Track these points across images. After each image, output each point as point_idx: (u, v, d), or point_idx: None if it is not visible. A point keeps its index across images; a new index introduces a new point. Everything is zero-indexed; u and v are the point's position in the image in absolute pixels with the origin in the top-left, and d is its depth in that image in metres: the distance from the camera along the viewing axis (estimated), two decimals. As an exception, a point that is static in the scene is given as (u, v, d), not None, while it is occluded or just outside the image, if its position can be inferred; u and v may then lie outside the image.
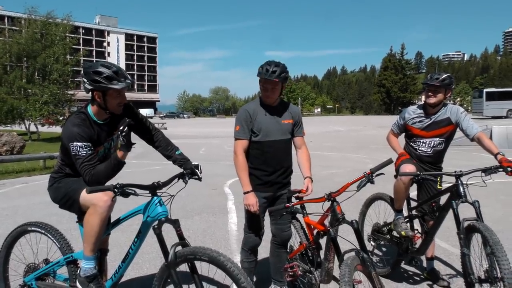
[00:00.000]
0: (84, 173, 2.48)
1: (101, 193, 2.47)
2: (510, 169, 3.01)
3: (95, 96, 2.56)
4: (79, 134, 2.50)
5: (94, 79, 2.48)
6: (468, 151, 11.26)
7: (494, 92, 45.56)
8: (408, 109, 3.80)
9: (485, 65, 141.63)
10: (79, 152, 2.48)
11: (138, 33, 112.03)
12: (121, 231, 4.45)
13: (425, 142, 3.63)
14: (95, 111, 2.64)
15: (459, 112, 3.52)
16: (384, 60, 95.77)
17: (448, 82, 3.48)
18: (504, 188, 7.97)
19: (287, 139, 3.17)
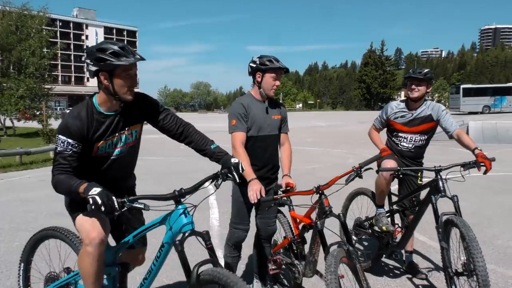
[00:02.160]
0: (52, 173, 2.20)
1: (89, 227, 2.22)
2: (482, 165, 3.09)
3: (101, 79, 2.18)
4: (68, 128, 2.18)
5: (98, 57, 2.12)
6: (445, 146, 11.49)
7: (471, 88, 46.67)
8: (391, 104, 3.85)
9: (462, 62, 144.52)
10: (59, 146, 2.19)
11: (117, 26, 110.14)
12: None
13: (406, 137, 3.68)
14: (102, 100, 2.28)
15: (440, 110, 3.60)
16: (364, 56, 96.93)
17: (430, 76, 3.58)
18: (480, 182, 8.17)
19: (277, 134, 3.21)
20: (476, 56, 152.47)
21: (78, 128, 2.19)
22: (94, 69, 2.16)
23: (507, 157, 12.55)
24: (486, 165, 3.09)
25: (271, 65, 2.99)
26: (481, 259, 2.74)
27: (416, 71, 3.60)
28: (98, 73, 2.17)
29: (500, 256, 4.28)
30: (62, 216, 5.99)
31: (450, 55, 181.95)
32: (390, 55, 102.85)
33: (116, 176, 2.42)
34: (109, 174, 2.38)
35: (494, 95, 45.00)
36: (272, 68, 3.00)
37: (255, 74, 3.06)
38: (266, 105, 3.13)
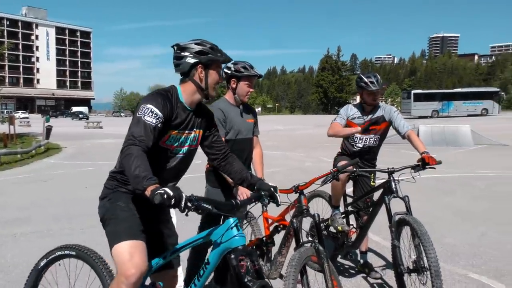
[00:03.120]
0: (124, 145, 1.98)
1: (129, 263, 1.99)
2: (426, 165, 3.26)
3: (197, 72, 2.19)
4: (159, 101, 2.09)
5: (199, 51, 2.16)
6: (398, 149, 11.95)
7: (421, 93, 49.01)
8: (350, 105, 3.99)
9: (412, 68, 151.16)
10: (146, 115, 2.03)
11: (70, 26, 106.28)
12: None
13: (361, 138, 3.82)
14: (187, 92, 2.23)
15: (392, 111, 3.78)
16: (321, 61, 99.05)
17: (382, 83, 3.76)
18: (430, 184, 8.57)
19: (251, 137, 3.32)
20: (425, 62, 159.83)
21: (167, 106, 2.13)
22: (193, 61, 2.17)
23: (454, 159, 13.24)
24: (429, 161, 3.26)
25: (246, 72, 3.04)
26: (433, 251, 2.87)
27: (375, 84, 3.64)
28: (195, 65, 2.19)
29: (448, 254, 4.49)
30: (10, 225, 5.71)
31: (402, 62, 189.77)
32: (346, 61, 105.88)
33: (169, 178, 2.29)
34: (165, 173, 2.24)
35: (442, 100, 47.52)
36: (247, 76, 3.05)
37: (230, 81, 3.11)
38: (240, 109, 3.21)
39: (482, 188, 8.52)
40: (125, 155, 1.94)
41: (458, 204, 7.05)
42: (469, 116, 44.16)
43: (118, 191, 2.24)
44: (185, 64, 2.19)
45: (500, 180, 9.44)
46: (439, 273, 2.82)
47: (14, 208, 6.83)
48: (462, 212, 6.42)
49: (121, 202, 2.20)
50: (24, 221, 5.95)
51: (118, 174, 2.25)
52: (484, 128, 22.58)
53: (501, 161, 12.77)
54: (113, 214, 2.17)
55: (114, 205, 2.20)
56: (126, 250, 2.03)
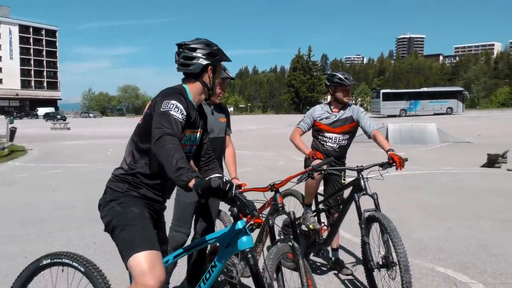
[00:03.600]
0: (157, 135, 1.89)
1: (149, 274, 1.92)
2: (393, 163, 3.36)
3: (208, 73, 2.23)
4: (180, 98, 2.09)
5: (210, 52, 2.21)
6: (368, 147, 12.20)
7: (389, 93, 50.20)
8: (316, 107, 4.07)
9: (381, 68, 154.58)
10: (171, 110, 1.99)
11: (34, 25, 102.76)
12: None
13: (331, 138, 3.91)
14: (194, 91, 2.24)
15: (360, 111, 3.89)
16: (293, 61, 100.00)
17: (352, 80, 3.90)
18: (398, 181, 8.79)
19: (223, 136, 3.33)
20: (393, 63, 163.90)
21: (186, 103, 2.13)
22: (205, 63, 2.20)
23: (421, 156, 13.64)
24: (396, 160, 3.35)
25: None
26: (402, 246, 2.94)
27: (351, 80, 3.86)
28: (206, 67, 2.21)
29: (416, 249, 4.62)
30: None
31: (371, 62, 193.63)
32: (316, 61, 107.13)
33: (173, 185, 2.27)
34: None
35: (409, 100, 48.88)
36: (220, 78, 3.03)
37: None
38: (211, 108, 3.20)
39: (448, 184, 8.82)
40: (161, 145, 1.85)
41: (425, 200, 7.26)
42: (435, 114, 45.60)
43: (130, 195, 2.14)
44: (197, 65, 2.20)
45: (464, 176, 9.80)
46: (408, 268, 2.90)
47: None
48: (429, 208, 6.62)
49: (136, 208, 2.11)
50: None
51: (129, 176, 2.15)
52: (449, 126, 23.41)
53: (465, 158, 13.25)
54: (129, 221, 2.07)
55: (127, 210, 2.10)
56: (146, 261, 1.96)
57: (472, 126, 27.84)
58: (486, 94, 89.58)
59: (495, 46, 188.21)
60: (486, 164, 11.27)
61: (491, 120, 36.33)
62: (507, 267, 4.05)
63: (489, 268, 4.03)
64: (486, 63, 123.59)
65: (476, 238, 4.97)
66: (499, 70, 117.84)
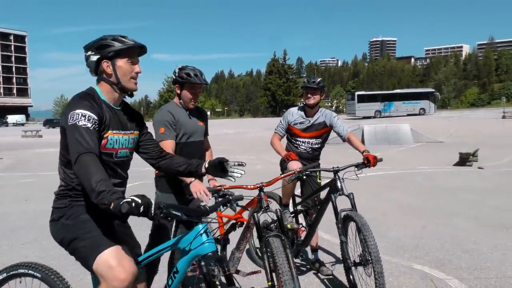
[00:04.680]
0: (74, 157, 1.85)
1: (118, 267, 1.90)
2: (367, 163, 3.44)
3: (103, 68, 2.08)
4: (85, 104, 1.96)
5: (100, 45, 2.05)
6: (344, 149, 12.35)
7: (364, 95, 51.08)
8: (290, 110, 4.11)
9: (355, 71, 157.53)
10: (79, 120, 1.89)
11: (2, 30, 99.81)
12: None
13: (304, 141, 3.99)
14: (105, 91, 2.12)
15: (332, 116, 3.98)
16: (268, 64, 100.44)
17: (323, 85, 3.96)
18: (374, 181, 8.94)
19: (202, 140, 3.30)
20: (367, 65, 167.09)
21: (94, 105, 2.00)
22: (96, 58, 2.06)
23: (396, 156, 13.92)
24: (370, 159, 3.44)
25: (189, 79, 2.98)
26: (372, 239, 3.02)
27: (310, 81, 3.95)
28: (99, 62, 2.07)
29: (393, 247, 4.70)
30: None
31: (345, 65, 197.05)
32: (292, 64, 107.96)
33: (116, 186, 2.14)
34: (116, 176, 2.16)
35: (383, 101, 49.86)
36: (190, 83, 3.00)
37: (175, 86, 3.08)
38: (187, 113, 3.15)
39: (422, 183, 9.02)
40: (80, 167, 1.81)
41: (401, 199, 7.41)
42: (408, 115, 46.66)
43: (74, 205, 2.09)
44: (91, 63, 2.11)
45: (437, 175, 10.05)
46: (379, 258, 2.99)
47: None
48: (404, 207, 6.76)
49: (84, 215, 2.07)
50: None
51: (69, 191, 2.10)
52: (422, 127, 24.00)
53: (438, 157, 13.60)
54: (82, 229, 2.03)
55: (77, 221, 2.06)
56: (111, 257, 1.94)
57: (444, 126, 28.64)
58: (456, 95, 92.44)
59: (464, 48, 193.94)
60: (458, 162, 11.59)
61: (461, 120, 37.48)
62: (480, 262, 4.17)
63: (463, 263, 4.14)
64: (456, 65, 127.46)
65: (450, 235, 5.10)
66: (468, 71, 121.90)
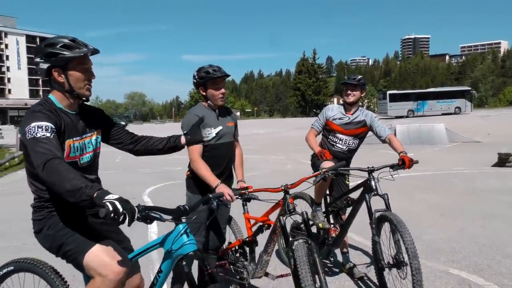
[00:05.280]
0: (39, 161, 1.79)
1: (111, 261, 1.94)
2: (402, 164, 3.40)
3: (54, 76, 2.01)
4: (38, 115, 1.91)
5: (49, 52, 1.96)
6: (376, 149, 12.12)
7: (396, 94, 49.89)
8: (329, 106, 4.10)
9: (387, 69, 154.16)
10: (37, 133, 1.83)
11: (41, 35, 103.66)
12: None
13: (342, 139, 3.91)
14: (59, 98, 2.07)
15: (373, 117, 3.92)
16: (298, 64, 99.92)
17: (363, 82, 3.91)
18: (408, 182, 8.71)
19: (232, 141, 3.29)
20: (399, 64, 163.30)
21: (49, 115, 1.95)
22: (46, 66, 1.99)
23: (430, 157, 13.54)
24: (405, 161, 3.39)
25: (208, 76, 3.02)
26: (411, 241, 2.92)
27: (350, 78, 3.91)
28: (50, 70, 2.00)
29: (428, 251, 4.56)
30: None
31: (376, 63, 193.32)
32: (322, 63, 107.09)
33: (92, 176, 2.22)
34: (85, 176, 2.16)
35: (417, 100, 48.52)
36: (211, 79, 3.02)
37: (199, 89, 3.10)
38: (216, 113, 3.16)
39: (458, 184, 8.72)
40: (48, 173, 1.75)
41: (436, 201, 7.18)
42: (443, 114, 45.24)
43: (53, 215, 2.10)
44: (41, 70, 2.02)
45: (474, 176, 9.68)
46: (416, 254, 2.89)
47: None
48: (440, 209, 6.54)
49: (64, 222, 2.09)
50: None
51: (44, 202, 2.09)
52: (458, 126, 23.21)
53: (475, 157, 13.11)
54: (65, 235, 2.06)
55: (59, 227, 2.08)
56: (101, 252, 1.99)
57: (481, 125, 27.58)
58: (494, 93, 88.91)
59: (502, 45, 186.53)
60: (497, 163, 11.15)
61: (500, 119, 35.97)
62: (523, 267, 3.97)
63: (504, 269, 3.96)
64: (493, 62, 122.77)
65: (489, 238, 4.90)
66: (506, 68, 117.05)
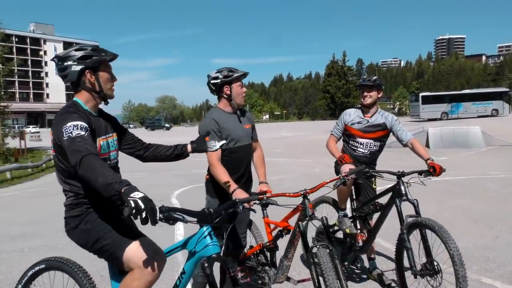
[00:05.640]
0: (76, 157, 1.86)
1: (153, 259, 2.03)
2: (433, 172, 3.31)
3: (87, 77, 2.15)
4: (73, 115, 2.03)
5: (83, 56, 2.11)
6: (404, 153, 11.83)
7: (429, 96, 48.56)
8: (347, 111, 4.01)
9: (419, 71, 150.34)
10: (72, 132, 1.93)
11: (77, 41, 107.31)
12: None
13: (362, 143, 3.82)
14: (85, 99, 2.20)
15: (394, 119, 3.81)
16: (327, 67, 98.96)
17: (379, 82, 3.81)
18: (440, 187, 8.45)
19: (250, 143, 3.27)
20: (432, 65, 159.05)
21: (82, 116, 2.07)
22: (79, 68, 2.12)
23: (464, 161, 13.08)
24: (436, 168, 3.29)
25: (234, 74, 3.05)
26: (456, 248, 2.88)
27: (366, 79, 3.82)
28: (83, 72, 2.14)
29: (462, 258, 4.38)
30: (18, 240, 5.72)
31: (409, 65, 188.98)
32: (352, 66, 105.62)
33: None
34: None
35: (451, 102, 47.04)
36: (236, 77, 3.06)
37: (223, 89, 3.08)
38: (238, 115, 3.16)
39: (494, 189, 8.38)
40: (84, 169, 1.83)
41: (470, 206, 6.93)
42: (479, 117, 43.66)
43: (90, 212, 2.16)
44: (72, 73, 2.14)
45: (511, 181, 9.27)
46: (462, 262, 2.85)
47: (23, 222, 6.86)
48: (474, 215, 6.31)
49: (101, 218, 2.15)
50: (32, 236, 5.97)
51: (82, 199, 2.16)
52: (494, 129, 22.33)
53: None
54: (103, 229, 2.12)
55: (97, 222, 2.14)
56: (142, 248, 2.07)
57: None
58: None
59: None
60: (536, 168, 10.64)
61: (540, 121, 34.34)
62: (563, 278, 3.76)
63: (542, 279, 3.76)
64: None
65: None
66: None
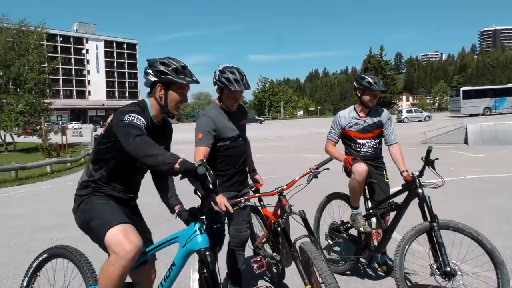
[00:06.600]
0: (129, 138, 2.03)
1: (125, 240, 2.08)
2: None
3: (157, 90, 2.32)
4: (138, 110, 2.22)
5: (161, 71, 2.28)
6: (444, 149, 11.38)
7: (471, 90, 46.48)
8: (340, 114, 3.85)
9: (462, 64, 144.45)
10: (134, 120, 2.11)
11: (117, 39, 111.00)
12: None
13: (364, 144, 3.73)
14: (152, 104, 2.36)
15: (388, 118, 3.74)
16: (364, 61, 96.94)
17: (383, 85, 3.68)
18: (474, 185, 8.07)
19: (246, 139, 3.29)
20: (476, 58, 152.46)
21: (143, 115, 2.23)
22: (153, 80, 2.30)
23: (504, 158, 12.46)
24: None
25: (229, 85, 2.86)
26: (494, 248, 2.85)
27: (379, 84, 3.57)
28: (155, 84, 2.31)
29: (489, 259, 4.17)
30: (48, 230, 5.99)
31: (451, 58, 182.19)
32: (389, 60, 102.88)
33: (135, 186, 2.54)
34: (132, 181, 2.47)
35: (494, 97, 44.82)
36: (229, 87, 2.87)
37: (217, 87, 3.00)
38: (234, 112, 3.10)
39: (534, 188, 7.91)
40: (138, 143, 1.99)
41: (504, 206, 6.57)
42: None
43: (93, 195, 2.33)
44: (147, 80, 2.34)
45: (555, 179, 8.72)
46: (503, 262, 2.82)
47: (56, 214, 7.15)
48: (506, 215, 5.97)
49: (101, 200, 2.31)
50: (61, 227, 6.20)
51: (91, 183, 2.35)
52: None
53: (559, 159, 11.83)
54: (96, 210, 2.25)
55: (95, 204, 2.28)
56: (119, 232, 2.12)
57: None
58: None
59: None
60: None
61: None
62: None
63: None
64: None
65: (562, 249, 4.38)
66: None
